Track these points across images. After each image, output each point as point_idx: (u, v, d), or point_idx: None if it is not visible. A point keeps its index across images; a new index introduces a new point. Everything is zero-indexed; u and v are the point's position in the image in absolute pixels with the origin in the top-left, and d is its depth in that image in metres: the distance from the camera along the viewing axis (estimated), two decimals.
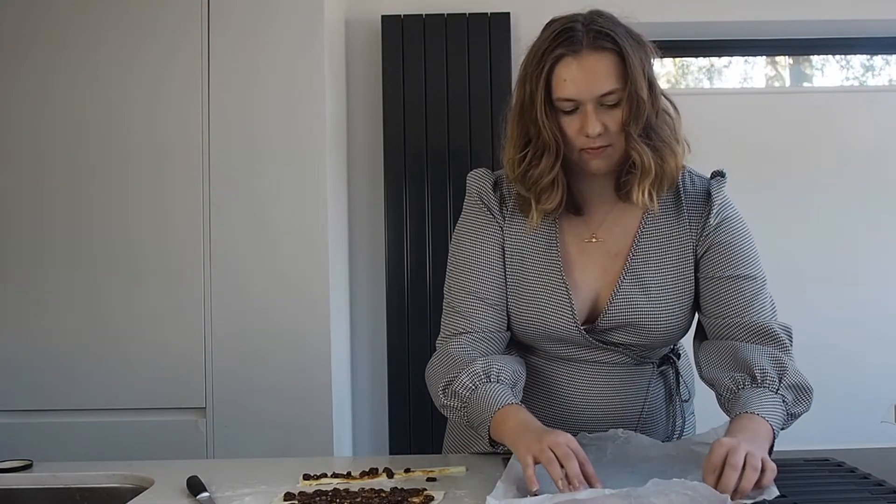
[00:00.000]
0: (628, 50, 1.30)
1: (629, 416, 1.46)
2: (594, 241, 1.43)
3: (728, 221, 1.44)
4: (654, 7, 3.06)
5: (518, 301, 1.42)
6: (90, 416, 2.41)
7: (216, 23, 2.48)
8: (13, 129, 2.47)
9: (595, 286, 1.41)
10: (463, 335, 1.41)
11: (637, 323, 1.39)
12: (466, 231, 1.46)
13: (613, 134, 1.33)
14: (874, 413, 2.55)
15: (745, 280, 1.42)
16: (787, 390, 1.30)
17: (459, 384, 1.33)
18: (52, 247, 2.45)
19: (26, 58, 2.48)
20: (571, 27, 1.33)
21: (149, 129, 2.47)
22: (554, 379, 1.46)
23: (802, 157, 3.00)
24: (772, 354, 1.35)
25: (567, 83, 1.30)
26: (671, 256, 1.41)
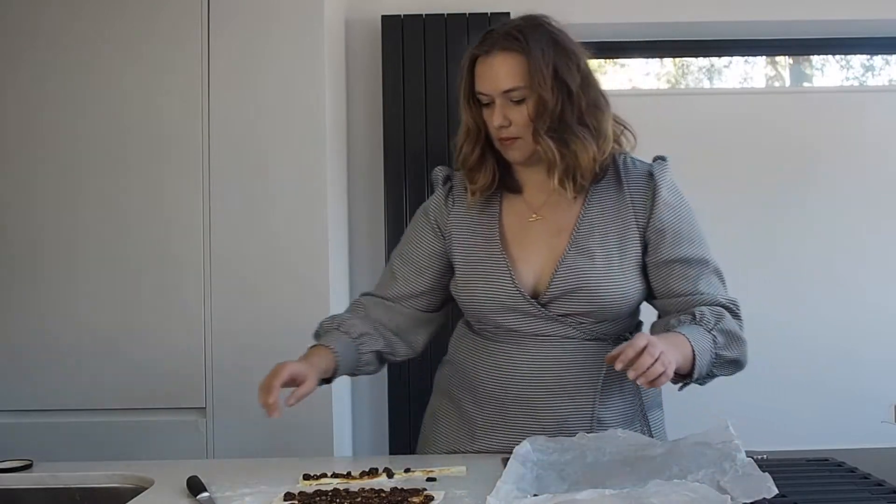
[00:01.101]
0: (535, 52, 1.44)
1: (584, 392, 1.49)
2: (537, 219, 1.54)
3: (674, 206, 1.53)
4: (655, 7, 3.06)
5: (466, 278, 1.54)
6: (90, 416, 2.41)
7: (216, 23, 2.48)
8: (11, 128, 2.47)
9: (540, 259, 1.50)
10: (364, 296, 1.66)
11: (583, 288, 1.46)
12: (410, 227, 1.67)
13: (521, 127, 1.47)
14: (874, 413, 2.55)
15: (694, 262, 1.51)
16: (720, 333, 1.43)
17: (320, 327, 1.60)
18: (51, 247, 2.45)
19: (26, 55, 2.48)
20: (493, 30, 1.50)
21: (149, 130, 2.47)
22: (508, 354, 1.51)
23: (802, 157, 3.00)
24: (714, 309, 1.47)
25: (480, 79, 1.48)
26: (614, 229, 1.51)
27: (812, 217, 2.99)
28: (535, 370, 1.48)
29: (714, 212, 2.99)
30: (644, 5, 3.06)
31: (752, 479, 1.13)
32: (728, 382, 2.91)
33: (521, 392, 1.49)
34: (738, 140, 3.00)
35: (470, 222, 1.57)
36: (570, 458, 1.30)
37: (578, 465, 1.28)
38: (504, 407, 1.50)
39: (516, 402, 1.49)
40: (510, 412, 1.50)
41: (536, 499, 1.08)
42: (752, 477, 1.13)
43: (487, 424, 1.52)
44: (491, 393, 1.51)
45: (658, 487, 1.07)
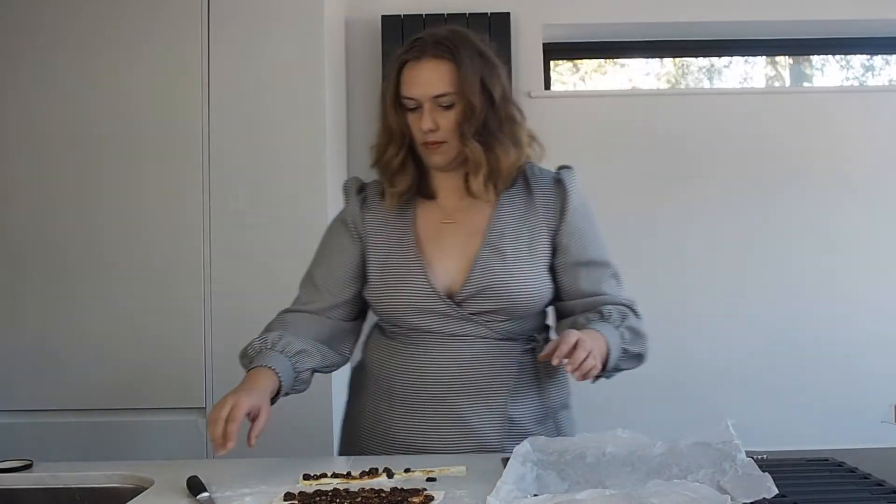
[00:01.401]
0: (464, 61, 1.50)
1: (498, 390, 1.52)
2: (451, 223, 1.58)
3: (583, 213, 1.60)
4: (655, 7, 3.06)
5: (381, 281, 1.56)
6: (90, 416, 2.41)
7: (216, 23, 2.48)
8: (11, 128, 2.47)
9: (454, 261, 1.54)
10: (289, 312, 1.62)
11: (496, 286, 1.51)
12: (327, 233, 1.68)
13: (448, 132, 1.51)
14: (874, 413, 2.56)
15: (599, 264, 1.60)
16: (627, 330, 1.52)
17: (251, 346, 1.53)
18: (51, 248, 2.45)
19: (26, 55, 2.48)
20: (421, 38, 1.53)
21: (148, 131, 2.47)
22: (423, 356, 1.53)
23: (802, 156, 3.00)
24: (618, 308, 1.56)
25: (408, 84, 1.51)
26: (525, 231, 1.56)
27: (811, 217, 2.99)
28: (451, 369, 1.52)
29: (713, 211, 3.00)
30: (644, 5, 3.06)
31: (752, 479, 1.12)
32: (728, 382, 2.93)
33: (437, 391, 1.52)
34: (738, 140, 3.00)
35: (385, 228, 1.60)
36: (570, 458, 1.30)
37: (578, 465, 1.28)
38: (420, 408, 1.52)
39: (432, 402, 1.51)
40: (426, 412, 1.52)
41: (536, 499, 1.08)
42: (752, 477, 1.13)
43: (403, 426, 1.54)
44: (407, 394, 1.54)
45: (658, 487, 1.07)
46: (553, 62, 3.29)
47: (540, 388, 1.58)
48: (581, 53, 3.33)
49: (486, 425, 1.51)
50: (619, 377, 2.54)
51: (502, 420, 1.52)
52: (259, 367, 1.46)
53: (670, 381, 2.94)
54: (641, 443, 1.35)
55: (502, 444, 1.50)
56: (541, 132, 3.06)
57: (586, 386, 2.85)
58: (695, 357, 2.96)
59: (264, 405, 1.38)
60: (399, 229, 1.59)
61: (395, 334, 1.58)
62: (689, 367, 2.95)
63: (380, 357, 1.60)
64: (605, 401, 2.97)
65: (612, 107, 3.04)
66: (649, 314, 3.08)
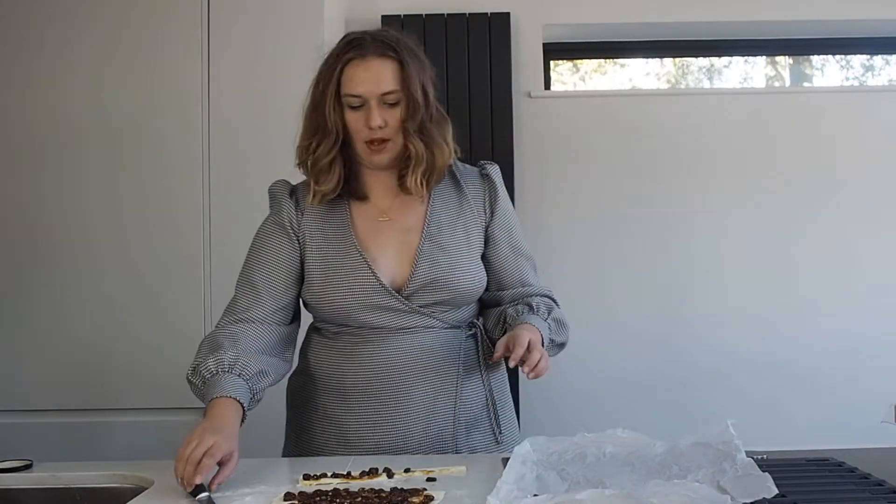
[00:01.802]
0: (407, 60, 1.53)
1: (448, 377, 1.57)
2: (387, 220, 1.61)
3: (509, 207, 1.68)
4: (655, 7, 3.06)
5: (325, 282, 1.56)
6: (90, 416, 2.41)
7: (216, 23, 2.48)
8: (10, 128, 2.48)
9: (396, 256, 1.57)
10: (239, 323, 1.56)
11: (440, 278, 1.56)
12: (260, 236, 1.65)
13: (393, 129, 1.53)
14: (874, 413, 2.55)
15: (524, 255, 1.68)
16: (553, 321, 1.62)
17: (205, 367, 1.47)
18: (51, 247, 2.45)
19: (26, 57, 2.48)
20: (361, 37, 1.55)
21: (148, 130, 2.47)
22: (374, 351, 1.56)
23: (802, 156, 3.00)
24: (544, 300, 1.66)
25: (355, 82, 1.51)
26: (460, 224, 1.62)
27: (812, 217, 2.99)
28: (404, 361, 1.55)
29: (713, 211, 3.00)
30: (644, 5, 3.06)
31: (752, 479, 1.13)
32: (728, 383, 2.93)
33: (390, 385, 1.54)
34: (739, 140, 3.00)
35: (322, 229, 1.60)
36: (570, 458, 1.30)
37: (578, 465, 1.28)
38: (374, 402, 1.55)
39: (386, 396, 1.54)
40: (381, 406, 1.54)
41: (536, 499, 1.08)
42: (752, 477, 1.13)
43: (360, 425, 1.55)
44: (360, 392, 1.56)
45: (658, 487, 1.07)
46: (553, 62, 3.29)
47: (482, 374, 1.64)
48: (581, 53, 3.33)
49: (438, 413, 1.55)
50: (620, 378, 2.55)
51: (454, 405, 1.56)
52: (222, 398, 1.41)
53: (670, 381, 2.94)
54: (641, 443, 1.36)
55: (454, 430, 1.55)
56: (541, 132, 3.08)
57: (586, 386, 2.88)
58: (695, 357, 2.96)
59: (235, 451, 1.33)
60: (336, 229, 1.60)
61: (339, 334, 1.59)
62: (690, 367, 2.95)
63: (325, 360, 1.60)
64: (605, 401, 2.98)
65: (612, 107, 3.04)
66: (648, 314, 3.09)
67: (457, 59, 2.90)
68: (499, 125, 2.90)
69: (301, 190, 1.65)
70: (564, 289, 3.00)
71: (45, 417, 2.42)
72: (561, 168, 3.00)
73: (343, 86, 1.52)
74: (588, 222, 3.00)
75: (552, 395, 2.94)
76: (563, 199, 3.00)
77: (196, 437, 1.30)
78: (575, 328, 2.95)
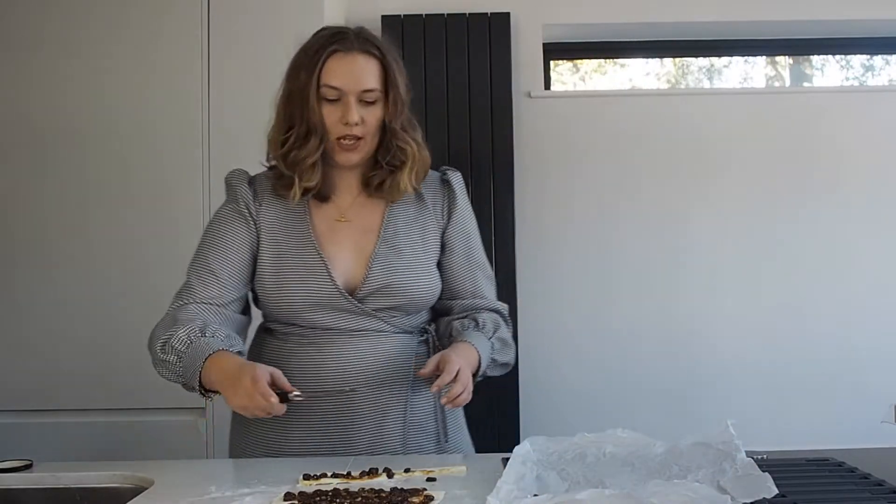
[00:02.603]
0: (389, 59, 1.54)
1: (399, 382, 1.56)
2: (345, 221, 1.58)
3: (468, 214, 1.66)
4: (655, 7, 3.06)
5: (280, 278, 1.54)
6: (90, 416, 2.41)
7: (216, 23, 2.48)
8: (9, 127, 2.48)
9: (352, 257, 1.56)
10: (190, 304, 1.53)
11: (395, 284, 1.54)
12: (217, 220, 1.61)
13: (368, 128, 1.52)
14: (874, 413, 2.55)
15: (480, 265, 1.66)
16: (497, 340, 1.60)
17: (177, 339, 1.46)
18: (51, 247, 2.45)
19: (26, 55, 2.48)
20: (345, 32, 1.53)
21: (148, 131, 2.47)
22: (325, 352, 1.53)
23: (802, 156, 3.00)
24: (492, 317, 1.63)
25: (336, 74, 1.49)
26: (417, 228, 1.61)
27: (812, 217, 2.99)
28: (354, 365, 1.53)
29: (713, 211, 3.00)
30: (644, 5, 3.06)
31: (752, 479, 1.13)
32: (728, 382, 2.93)
33: (339, 385, 1.51)
34: (739, 140, 3.00)
35: (280, 223, 1.57)
36: (570, 458, 1.30)
37: (578, 465, 1.28)
38: (324, 405, 1.52)
39: (336, 399, 1.52)
40: (327, 410, 1.52)
41: (536, 499, 1.08)
42: (752, 477, 1.13)
43: (307, 425, 1.53)
44: (311, 390, 1.50)
45: (658, 487, 1.07)
46: (553, 62, 3.29)
47: (432, 380, 1.59)
48: (581, 53, 3.33)
49: (387, 419, 1.54)
50: (620, 378, 2.56)
51: (404, 411, 1.55)
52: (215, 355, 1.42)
53: (670, 381, 2.94)
54: (641, 443, 1.36)
55: (404, 436, 1.54)
56: (541, 132, 3.08)
57: (586, 386, 2.87)
58: (695, 357, 2.96)
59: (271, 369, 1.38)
60: (295, 226, 1.57)
61: (289, 335, 1.57)
62: (690, 366, 2.95)
63: (275, 359, 1.55)
64: (605, 401, 2.98)
65: (612, 107, 3.04)
66: (648, 314, 3.08)
67: (457, 59, 2.90)
68: (499, 125, 2.90)
69: (260, 181, 1.62)
70: (564, 288, 3.02)
71: (45, 417, 2.42)
72: (561, 168, 3.00)
73: (323, 76, 1.49)
74: (588, 222, 3.00)
75: (552, 395, 2.94)
76: (563, 199, 3.00)
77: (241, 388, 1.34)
78: (575, 328, 2.98)
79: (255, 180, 1.62)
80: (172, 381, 1.51)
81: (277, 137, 1.55)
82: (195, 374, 1.43)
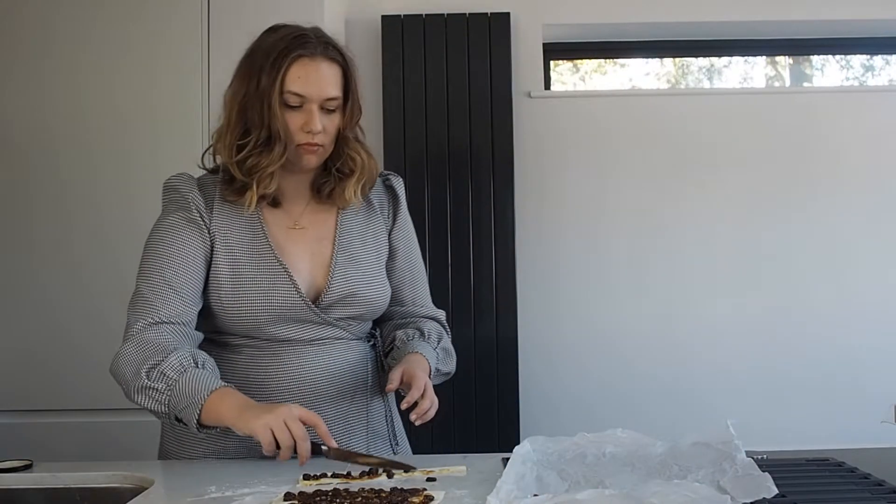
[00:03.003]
0: (352, 67, 1.50)
1: (359, 387, 1.55)
2: (299, 229, 1.54)
3: (409, 219, 1.65)
4: (655, 7, 3.06)
5: (238, 290, 1.47)
6: (90, 416, 2.41)
7: (216, 23, 2.48)
8: (9, 125, 2.48)
9: (308, 267, 1.51)
10: (162, 325, 1.43)
11: (356, 293, 1.52)
12: (168, 228, 1.51)
13: (329, 136, 1.48)
14: (874, 413, 2.55)
15: (419, 271, 1.66)
16: (441, 350, 1.59)
17: (168, 366, 1.36)
18: (52, 246, 2.45)
19: (26, 53, 2.48)
20: (305, 34, 1.49)
21: (148, 131, 2.47)
22: (287, 364, 1.50)
23: (802, 156, 3.00)
24: (435, 327, 1.63)
25: (300, 80, 1.44)
26: (370, 233, 1.59)
27: (812, 217, 2.99)
28: (316, 374, 1.51)
29: (713, 211, 3.00)
30: (644, 5, 3.06)
31: (752, 479, 1.13)
32: (728, 382, 2.93)
33: (303, 397, 1.48)
34: (739, 140, 3.00)
35: (234, 232, 1.50)
36: (570, 458, 1.30)
37: (578, 465, 1.28)
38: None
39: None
40: None
41: (536, 499, 1.08)
42: (752, 477, 1.13)
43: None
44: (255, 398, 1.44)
45: (658, 487, 1.07)
46: (553, 62, 3.29)
47: (382, 385, 1.59)
48: (581, 53, 3.33)
49: (351, 426, 1.53)
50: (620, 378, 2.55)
51: (365, 414, 1.55)
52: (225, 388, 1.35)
53: (670, 381, 2.94)
54: (641, 443, 1.36)
55: (367, 444, 1.53)
56: (541, 132, 3.08)
57: (586, 387, 2.87)
58: (695, 357, 2.96)
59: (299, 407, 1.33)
60: (250, 234, 1.50)
61: (242, 346, 1.50)
62: (690, 366, 2.95)
63: (228, 376, 1.47)
64: (605, 401, 2.98)
65: (612, 107, 3.04)
66: (650, 313, 3.09)
67: (457, 59, 2.90)
68: (499, 125, 2.90)
69: (207, 185, 1.53)
70: (564, 288, 3.02)
71: (45, 417, 2.42)
72: (561, 168, 3.00)
73: (287, 83, 1.43)
74: (588, 222, 3.00)
75: (552, 395, 2.94)
76: (563, 198, 3.00)
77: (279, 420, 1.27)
78: (574, 328, 2.98)
79: (204, 185, 1.54)
80: (152, 409, 1.40)
81: (232, 141, 1.47)
82: (192, 408, 1.34)
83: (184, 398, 1.35)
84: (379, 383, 1.59)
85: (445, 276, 2.86)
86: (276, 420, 1.27)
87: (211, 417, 1.34)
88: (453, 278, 2.86)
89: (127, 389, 1.45)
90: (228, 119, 1.49)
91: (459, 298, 2.85)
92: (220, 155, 1.51)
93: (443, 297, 2.84)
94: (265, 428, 1.27)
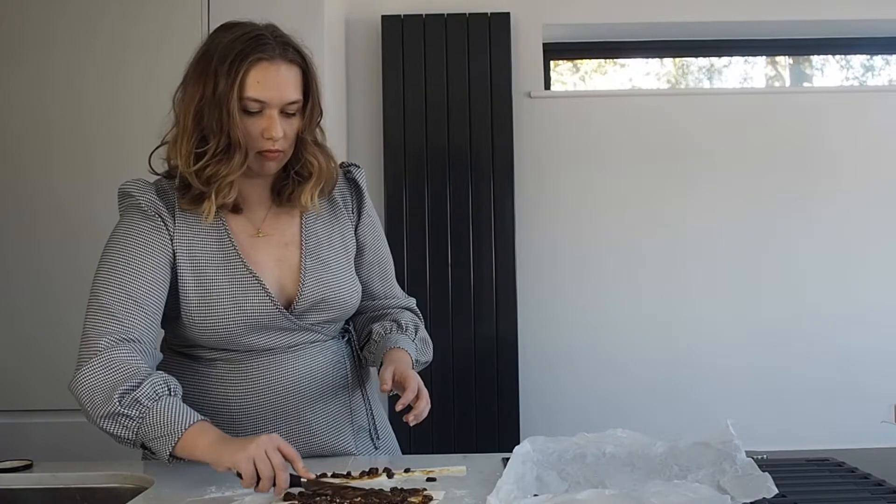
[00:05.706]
0: (310, 70, 1.44)
1: (340, 387, 1.53)
2: (263, 235, 1.49)
3: (374, 212, 1.62)
4: (655, 7, 3.06)
5: (207, 301, 1.41)
6: None
7: (216, 23, 2.47)
8: (8, 124, 2.48)
9: (279, 273, 1.47)
10: (129, 343, 1.37)
11: (329, 297, 1.48)
12: (128, 237, 1.45)
13: (289, 140, 1.42)
14: (874, 413, 2.55)
15: (388, 263, 1.63)
16: (419, 341, 1.58)
17: (142, 393, 1.30)
18: (51, 246, 2.45)
19: (26, 52, 2.48)
20: (262, 35, 1.41)
21: (147, 132, 2.46)
22: (264, 373, 1.46)
23: (802, 157, 3.00)
24: (411, 317, 1.62)
25: (260, 85, 1.37)
26: (336, 233, 1.54)
27: (812, 217, 2.99)
28: (296, 380, 1.47)
29: (713, 211, 3.00)
30: (644, 5, 3.06)
31: (752, 479, 1.13)
32: (728, 382, 2.93)
33: (283, 406, 1.46)
34: (738, 140, 3.00)
35: (197, 240, 1.44)
36: (570, 458, 1.30)
37: (578, 465, 1.28)
38: (267, 426, 1.44)
39: (279, 418, 1.45)
40: (278, 427, 1.44)
41: (536, 499, 1.08)
42: (752, 477, 1.13)
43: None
44: (250, 417, 1.45)
45: (658, 487, 1.07)
46: (553, 62, 3.29)
47: (361, 380, 1.59)
48: (581, 53, 3.33)
49: (332, 426, 1.51)
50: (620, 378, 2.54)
51: (349, 413, 1.53)
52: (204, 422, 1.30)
53: (670, 381, 2.94)
54: (641, 443, 1.35)
55: (354, 441, 1.52)
56: (541, 132, 3.08)
57: (586, 387, 2.86)
58: (695, 357, 2.96)
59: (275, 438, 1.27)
60: (216, 242, 1.44)
61: (215, 360, 1.46)
62: (690, 366, 2.95)
63: (203, 389, 1.45)
64: (605, 401, 2.98)
65: (611, 107, 3.04)
66: (650, 313, 3.08)
67: (457, 59, 2.90)
68: (499, 125, 2.90)
69: (164, 191, 1.47)
70: (564, 288, 3.02)
71: (45, 417, 2.42)
72: (561, 168, 3.00)
73: (246, 88, 1.35)
74: (587, 222, 3.00)
75: (552, 395, 2.94)
76: (563, 198, 3.00)
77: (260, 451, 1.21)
78: (574, 328, 2.98)
79: (164, 191, 1.47)
80: (117, 434, 1.35)
81: (189, 149, 1.39)
82: (167, 439, 1.28)
83: (157, 428, 1.29)
84: (358, 377, 1.58)
85: (445, 276, 2.86)
86: (258, 450, 1.21)
87: (185, 451, 1.28)
88: (453, 278, 2.86)
89: (93, 412, 1.38)
90: (183, 125, 1.41)
91: (459, 299, 2.85)
92: (176, 162, 1.44)
93: (443, 298, 2.84)
94: (248, 461, 1.21)
